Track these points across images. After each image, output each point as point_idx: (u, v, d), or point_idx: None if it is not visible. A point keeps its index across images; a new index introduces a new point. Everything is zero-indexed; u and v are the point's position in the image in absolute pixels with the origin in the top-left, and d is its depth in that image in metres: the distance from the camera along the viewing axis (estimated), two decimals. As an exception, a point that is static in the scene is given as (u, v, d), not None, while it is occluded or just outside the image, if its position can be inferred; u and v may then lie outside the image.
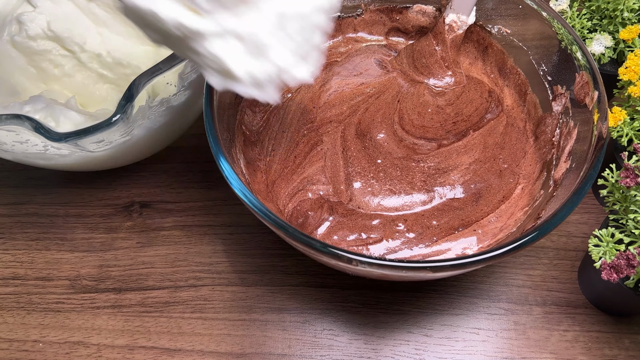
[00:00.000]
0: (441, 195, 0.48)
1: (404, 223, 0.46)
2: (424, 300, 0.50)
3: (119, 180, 0.59)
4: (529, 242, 0.37)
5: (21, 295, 0.53)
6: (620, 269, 0.39)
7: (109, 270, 0.54)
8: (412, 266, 0.36)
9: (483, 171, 0.49)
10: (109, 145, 0.48)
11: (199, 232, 0.55)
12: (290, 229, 0.37)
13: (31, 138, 0.44)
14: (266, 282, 0.52)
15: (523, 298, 0.50)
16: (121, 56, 0.58)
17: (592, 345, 0.48)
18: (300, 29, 0.34)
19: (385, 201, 0.47)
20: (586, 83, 0.45)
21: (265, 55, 0.34)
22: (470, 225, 0.46)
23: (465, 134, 0.52)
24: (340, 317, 0.50)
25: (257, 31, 0.33)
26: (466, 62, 0.57)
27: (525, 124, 0.52)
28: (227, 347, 0.49)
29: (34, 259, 0.55)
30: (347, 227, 0.46)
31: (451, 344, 0.48)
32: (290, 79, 0.35)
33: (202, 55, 0.34)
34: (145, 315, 0.51)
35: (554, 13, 0.49)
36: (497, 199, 0.48)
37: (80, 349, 0.49)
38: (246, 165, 0.49)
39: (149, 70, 0.44)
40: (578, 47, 0.46)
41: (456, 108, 0.53)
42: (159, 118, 0.50)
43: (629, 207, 0.42)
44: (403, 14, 0.58)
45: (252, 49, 0.34)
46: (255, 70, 0.34)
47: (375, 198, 0.47)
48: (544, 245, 0.53)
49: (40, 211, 0.58)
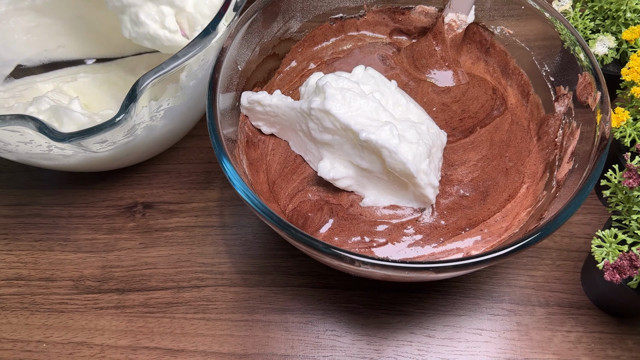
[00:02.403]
0: (449, 194, 0.48)
1: (413, 225, 0.46)
2: (426, 301, 0.50)
3: (122, 181, 0.59)
4: (532, 243, 0.37)
5: (25, 295, 0.53)
6: (623, 269, 0.39)
7: (112, 271, 0.54)
8: (415, 267, 0.36)
9: (490, 169, 0.49)
10: (113, 146, 0.48)
11: (202, 233, 0.55)
12: (292, 230, 0.37)
13: (35, 138, 0.44)
14: (269, 282, 0.52)
15: (526, 299, 0.50)
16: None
17: (595, 346, 0.48)
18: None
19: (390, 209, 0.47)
20: (589, 84, 0.45)
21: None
22: (477, 224, 0.46)
23: (472, 130, 0.51)
24: (343, 317, 0.50)
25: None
26: (468, 62, 0.57)
27: (529, 123, 0.52)
28: (230, 348, 0.49)
29: (38, 260, 0.55)
30: (349, 230, 0.46)
31: (454, 344, 0.48)
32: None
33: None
34: (148, 315, 0.51)
35: (557, 13, 0.49)
36: (503, 198, 0.48)
37: (84, 349, 0.50)
38: (249, 166, 0.49)
39: (152, 70, 0.44)
40: (581, 48, 0.46)
41: (462, 105, 0.53)
42: (162, 119, 0.50)
43: (631, 207, 0.42)
44: (405, 15, 0.58)
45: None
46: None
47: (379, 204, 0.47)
48: (546, 246, 0.53)
49: (43, 212, 0.58)
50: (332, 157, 0.46)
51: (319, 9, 0.55)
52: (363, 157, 0.44)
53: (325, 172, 0.46)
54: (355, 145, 0.44)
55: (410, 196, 0.46)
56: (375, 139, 0.42)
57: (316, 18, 0.56)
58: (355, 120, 0.43)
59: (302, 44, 0.56)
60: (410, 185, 0.44)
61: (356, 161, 0.45)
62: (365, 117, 0.44)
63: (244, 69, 0.50)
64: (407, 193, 0.46)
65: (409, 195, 0.46)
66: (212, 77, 0.45)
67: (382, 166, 0.44)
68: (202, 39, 0.45)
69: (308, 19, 0.55)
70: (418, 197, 0.45)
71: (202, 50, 0.45)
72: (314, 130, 0.46)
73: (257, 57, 0.51)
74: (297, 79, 0.56)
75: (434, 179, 0.44)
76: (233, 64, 0.48)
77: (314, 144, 0.47)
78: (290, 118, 0.48)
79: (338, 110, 0.43)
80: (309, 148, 0.48)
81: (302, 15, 0.54)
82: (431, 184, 0.44)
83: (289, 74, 0.56)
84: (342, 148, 0.45)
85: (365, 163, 0.45)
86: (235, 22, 0.48)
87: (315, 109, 0.44)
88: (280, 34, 0.53)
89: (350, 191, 0.48)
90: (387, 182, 0.45)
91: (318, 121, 0.45)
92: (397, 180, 0.45)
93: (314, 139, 0.46)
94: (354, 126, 0.43)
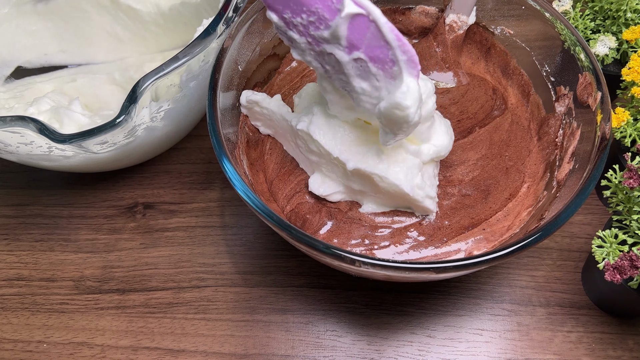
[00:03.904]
0: (452, 194, 0.47)
1: (416, 228, 0.46)
2: (427, 301, 0.50)
3: (122, 181, 0.59)
4: (533, 243, 0.37)
5: (25, 296, 0.53)
6: (624, 270, 0.38)
7: (113, 271, 0.54)
8: (416, 267, 0.36)
9: (490, 168, 0.49)
10: (113, 147, 0.48)
11: (202, 233, 0.55)
12: (293, 231, 0.37)
13: (36, 139, 0.44)
14: (269, 283, 0.52)
15: (526, 299, 0.50)
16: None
17: (596, 347, 0.48)
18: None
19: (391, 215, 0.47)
20: (589, 84, 0.45)
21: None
22: (480, 223, 0.46)
23: (471, 130, 0.51)
24: (344, 318, 0.50)
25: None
26: (469, 63, 0.57)
27: (529, 123, 0.52)
28: (231, 348, 0.49)
29: (38, 260, 0.55)
30: (348, 232, 0.46)
31: (454, 345, 0.48)
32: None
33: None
34: (149, 316, 0.51)
35: (557, 14, 0.49)
36: (504, 196, 0.48)
37: (84, 349, 0.50)
38: (249, 166, 0.49)
39: (152, 71, 0.44)
40: (581, 48, 0.46)
41: (461, 107, 0.53)
42: (163, 120, 0.50)
43: (632, 208, 0.42)
44: (406, 15, 0.58)
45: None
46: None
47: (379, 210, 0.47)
48: (547, 246, 0.53)
49: (44, 212, 0.58)
50: (322, 173, 0.46)
51: (320, 9, 0.55)
52: (354, 180, 0.44)
53: (315, 187, 0.46)
54: (344, 172, 0.44)
55: (410, 207, 0.46)
56: (364, 168, 0.42)
57: (317, 18, 0.56)
58: (340, 148, 0.42)
59: (303, 45, 0.56)
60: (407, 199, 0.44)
61: (347, 183, 0.45)
62: (350, 143, 0.43)
63: (244, 69, 0.50)
64: (406, 206, 0.46)
65: (409, 207, 0.46)
66: (213, 77, 0.45)
67: (374, 187, 0.44)
68: (202, 40, 0.45)
69: (308, 19, 0.55)
70: (418, 209, 0.45)
71: (202, 51, 0.46)
72: (301, 148, 0.46)
73: (257, 57, 0.51)
74: (297, 79, 0.56)
75: (430, 190, 0.44)
76: (233, 64, 0.48)
77: (305, 156, 0.47)
78: (283, 127, 0.48)
79: (322, 138, 0.43)
80: (301, 158, 0.48)
81: (302, 16, 0.54)
82: (428, 196, 0.44)
83: (289, 74, 0.56)
84: (331, 170, 0.45)
85: (356, 185, 0.45)
86: (235, 22, 0.48)
87: (302, 130, 0.44)
88: (280, 35, 0.53)
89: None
90: (383, 198, 0.45)
91: (304, 142, 0.45)
92: (393, 196, 0.44)
93: (304, 155, 0.46)
94: (340, 155, 0.42)
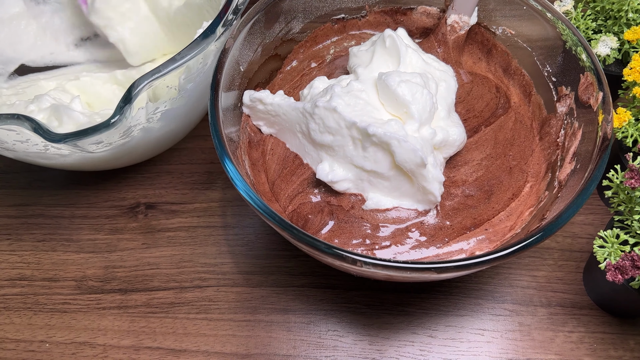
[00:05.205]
0: (455, 195, 0.47)
1: (418, 228, 0.46)
2: (428, 301, 0.50)
3: (124, 181, 0.59)
4: (534, 243, 0.37)
5: (28, 296, 0.53)
6: (625, 270, 0.39)
7: (115, 271, 0.54)
8: (417, 267, 0.36)
9: (494, 168, 0.49)
10: (109, 147, 0.48)
11: (204, 233, 0.56)
12: (295, 231, 0.37)
13: (32, 137, 0.44)
14: (271, 283, 0.52)
15: (528, 299, 0.50)
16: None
17: (597, 347, 0.48)
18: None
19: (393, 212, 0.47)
20: (591, 84, 0.45)
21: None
22: (482, 224, 0.46)
23: (477, 130, 0.51)
24: (345, 318, 0.50)
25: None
26: (470, 63, 0.57)
27: (532, 122, 0.52)
28: (232, 348, 0.49)
29: (41, 260, 0.55)
30: (350, 232, 0.46)
31: (456, 345, 0.48)
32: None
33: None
34: (151, 316, 0.51)
35: (559, 14, 0.49)
36: (507, 197, 0.48)
37: (87, 349, 0.50)
38: (251, 166, 0.49)
39: (148, 73, 0.43)
40: (583, 48, 0.46)
41: (467, 105, 0.53)
42: (160, 121, 0.50)
43: (634, 208, 0.42)
44: (407, 15, 0.58)
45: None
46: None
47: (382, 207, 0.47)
48: (548, 246, 0.53)
49: (46, 212, 0.58)
50: (331, 159, 0.46)
51: (321, 9, 0.55)
52: (367, 157, 0.44)
53: (323, 174, 0.46)
54: (358, 145, 0.44)
55: (415, 197, 0.46)
56: (383, 132, 0.42)
57: (318, 19, 0.56)
58: (361, 118, 0.43)
59: (304, 45, 0.57)
60: (415, 183, 0.44)
61: (359, 163, 0.45)
62: (369, 116, 0.44)
63: (246, 69, 0.50)
64: (411, 194, 0.46)
65: (413, 197, 0.46)
66: (215, 77, 0.45)
67: (388, 164, 0.44)
68: (201, 41, 0.45)
69: (310, 19, 0.55)
70: (423, 195, 0.45)
71: (200, 52, 0.45)
72: (314, 132, 0.46)
73: (259, 57, 0.52)
74: (297, 77, 0.56)
75: (439, 173, 0.44)
76: (235, 64, 0.48)
77: (313, 147, 0.47)
78: (290, 119, 0.48)
79: (344, 108, 0.44)
80: (307, 150, 0.48)
81: (304, 16, 0.54)
82: (437, 178, 0.44)
83: (290, 74, 0.56)
84: (344, 150, 0.45)
85: (369, 164, 0.45)
86: (237, 23, 0.48)
87: (320, 107, 0.44)
88: (282, 35, 0.53)
89: (352, 193, 0.48)
90: (390, 184, 0.45)
91: (321, 121, 0.45)
92: (401, 181, 0.45)
93: (314, 141, 0.46)
94: (360, 123, 0.43)
